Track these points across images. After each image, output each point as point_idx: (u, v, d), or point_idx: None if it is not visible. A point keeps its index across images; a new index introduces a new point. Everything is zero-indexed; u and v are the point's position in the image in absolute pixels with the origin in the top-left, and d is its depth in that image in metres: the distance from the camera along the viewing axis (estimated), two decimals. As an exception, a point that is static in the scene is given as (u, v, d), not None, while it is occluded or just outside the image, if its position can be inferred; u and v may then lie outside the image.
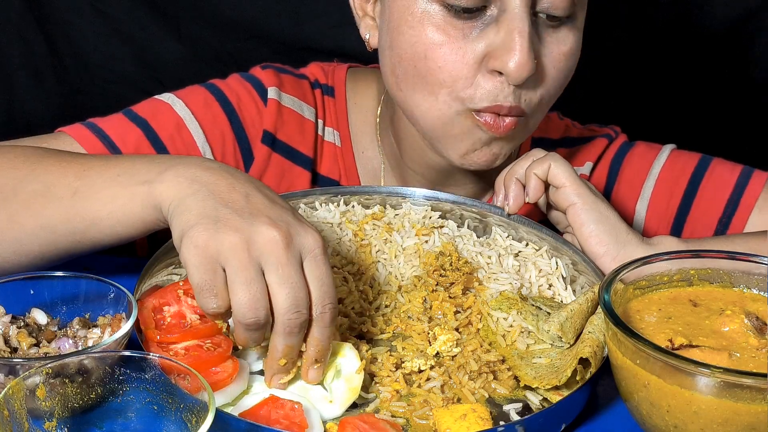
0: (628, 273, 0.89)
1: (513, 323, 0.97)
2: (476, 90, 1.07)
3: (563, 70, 1.10)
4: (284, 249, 0.83)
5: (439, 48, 1.07)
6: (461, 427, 0.83)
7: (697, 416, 0.77)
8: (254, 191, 0.87)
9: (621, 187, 1.29)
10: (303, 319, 0.84)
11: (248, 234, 0.82)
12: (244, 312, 0.82)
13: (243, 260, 0.82)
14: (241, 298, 0.82)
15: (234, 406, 0.85)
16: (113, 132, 1.17)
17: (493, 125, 1.08)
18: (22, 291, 0.91)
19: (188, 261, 0.82)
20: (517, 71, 1.04)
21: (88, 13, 1.81)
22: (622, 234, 1.03)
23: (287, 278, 0.82)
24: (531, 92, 1.09)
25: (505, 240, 1.11)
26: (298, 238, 0.84)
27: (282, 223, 0.84)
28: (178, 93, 1.24)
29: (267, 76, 1.26)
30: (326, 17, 1.77)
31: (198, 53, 1.84)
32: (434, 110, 1.10)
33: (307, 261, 0.84)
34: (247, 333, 0.84)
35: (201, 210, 0.84)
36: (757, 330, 0.84)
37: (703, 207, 1.24)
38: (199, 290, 0.83)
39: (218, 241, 0.82)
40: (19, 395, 0.73)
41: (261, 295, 0.82)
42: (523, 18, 1.04)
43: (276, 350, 0.85)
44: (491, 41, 1.05)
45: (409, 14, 1.08)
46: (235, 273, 0.82)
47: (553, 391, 0.89)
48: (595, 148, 1.31)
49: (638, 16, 1.80)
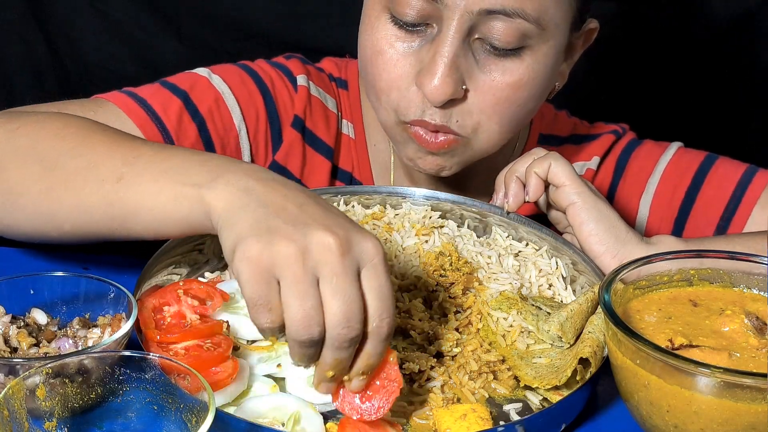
0: (628, 273, 0.89)
1: (513, 323, 0.97)
2: (408, 103, 1.10)
3: (507, 99, 1.10)
4: (340, 257, 0.77)
5: (381, 56, 1.10)
6: (461, 427, 0.83)
7: (697, 416, 0.77)
8: (309, 201, 0.82)
9: (626, 183, 1.30)
10: (354, 335, 0.78)
11: (303, 243, 0.77)
12: (297, 329, 0.78)
13: (297, 272, 0.77)
14: (295, 314, 0.77)
15: (234, 407, 0.85)
16: (155, 102, 1.16)
17: (423, 140, 1.11)
18: (22, 291, 0.90)
19: (240, 274, 0.78)
20: (431, 94, 1.06)
21: (88, 13, 1.81)
22: (622, 233, 1.03)
23: (341, 290, 0.77)
24: (463, 116, 1.10)
25: (505, 240, 1.11)
26: (357, 246, 0.79)
27: (339, 229, 0.79)
28: (212, 68, 1.24)
29: (294, 65, 1.28)
30: (326, 17, 1.77)
31: (198, 53, 1.84)
32: (380, 115, 1.15)
33: (365, 270, 0.79)
34: (301, 350, 0.79)
35: (253, 221, 0.79)
36: (757, 330, 0.84)
37: (706, 203, 1.25)
38: (252, 304, 0.78)
39: (272, 252, 0.77)
40: (19, 395, 0.73)
41: (315, 311, 0.77)
42: (450, 42, 1.05)
43: (324, 362, 0.80)
44: (422, 59, 1.08)
45: (367, 18, 1.12)
46: (289, 286, 0.77)
47: (553, 391, 0.89)
48: (602, 144, 1.32)
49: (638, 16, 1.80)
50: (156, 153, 0.91)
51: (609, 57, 1.74)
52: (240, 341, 0.94)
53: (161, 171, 0.88)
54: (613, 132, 1.33)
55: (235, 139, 1.22)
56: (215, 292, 0.96)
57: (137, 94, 1.17)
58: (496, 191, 1.12)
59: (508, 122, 1.12)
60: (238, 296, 0.98)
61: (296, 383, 0.89)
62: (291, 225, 0.78)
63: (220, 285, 0.98)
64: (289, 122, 1.25)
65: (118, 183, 0.89)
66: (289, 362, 0.90)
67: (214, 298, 0.95)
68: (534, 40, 1.07)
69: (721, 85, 1.82)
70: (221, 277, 1.04)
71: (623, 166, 1.31)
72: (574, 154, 1.32)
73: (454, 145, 1.12)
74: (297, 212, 0.80)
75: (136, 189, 0.88)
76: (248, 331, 0.95)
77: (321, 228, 0.78)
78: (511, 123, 1.13)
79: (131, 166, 0.90)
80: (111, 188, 0.90)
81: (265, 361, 0.91)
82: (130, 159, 0.91)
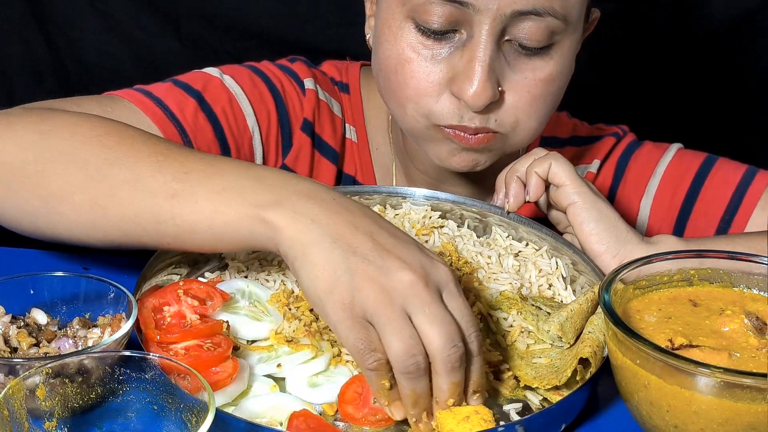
0: (628, 273, 0.89)
1: (513, 323, 0.97)
2: (441, 109, 1.10)
3: (541, 95, 1.11)
4: (424, 289, 0.81)
5: (408, 65, 1.09)
6: (464, 429, 0.83)
7: (697, 416, 0.77)
8: (376, 228, 0.84)
9: (627, 185, 1.30)
10: (461, 352, 0.82)
11: (386, 283, 0.80)
12: (402, 360, 0.80)
13: (388, 312, 0.80)
14: (397, 349, 0.80)
15: (234, 407, 0.85)
16: (171, 101, 1.16)
17: (463, 138, 1.11)
18: (22, 291, 0.90)
19: (339, 325, 0.81)
20: (473, 100, 1.06)
21: (88, 13, 1.81)
22: (622, 232, 1.03)
23: (435, 316, 0.80)
24: (501, 115, 1.10)
25: (505, 240, 1.11)
26: (433, 274, 0.83)
27: (414, 262, 0.82)
28: (222, 68, 1.24)
29: (300, 68, 1.28)
30: (326, 17, 1.77)
31: (198, 53, 1.83)
32: (405, 121, 1.14)
33: (444, 295, 0.83)
34: (411, 383, 0.81)
35: (331, 265, 0.81)
36: (757, 330, 0.84)
37: (706, 204, 1.25)
38: (357, 351, 0.82)
39: (362, 299, 0.80)
40: (19, 395, 0.73)
41: (414, 341, 0.80)
42: (485, 47, 1.05)
43: (442, 392, 0.82)
44: (455, 65, 1.08)
45: (388, 27, 1.11)
46: (384, 326, 0.80)
47: (553, 391, 0.89)
48: (603, 146, 1.33)
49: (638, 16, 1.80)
50: (206, 167, 0.90)
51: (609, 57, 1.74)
52: (240, 341, 0.94)
53: (216, 191, 0.87)
54: (614, 134, 1.33)
55: (249, 141, 1.22)
56: (215, 292, 0.96)
57: (152, 92, 1.16)
58: (497, 191, 1.12)
59: (544, 117, 1.14)
60: (238, 296, 0.98)
61: (296, 383, 0.89)
62: (369, 263, 0.81)
63: (220, 285, 0.99)
64: (299, 125, 1.25)
65: (172, 200, 0.88)
66: (289, 363, 0.90)
67: (214, 298, 0.95)
68: (560, 36, 1.08)
69: (721, 86, 1.82)
70: (221, 277, 1.04)
71: (623, 168, 1.31)
72: (574, 157, 1.32)
73: (493, 141, 1.12)
74: (371, 245, 0.82)
75: (192, 208, 0.87)
76: (248, 331, 0.95)
77: (398, 264, 0.81)
78: (547, 116, 1.14)
79: (183, 182, 0.88)
80: (165, 205, 0.88)
81: (265, 361, 0.91)
82: (181, 175, 0.89)
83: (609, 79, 1.80)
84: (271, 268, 1.03)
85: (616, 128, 1.35)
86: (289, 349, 0.92)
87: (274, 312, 0.96)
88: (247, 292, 0.99)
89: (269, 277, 1.02)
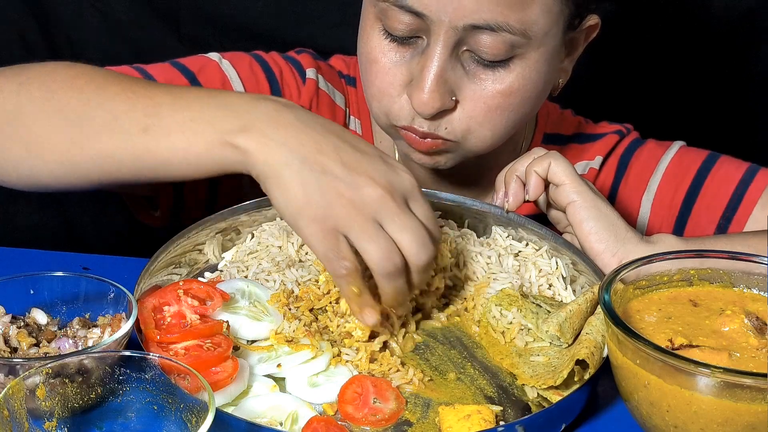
0: (628, 273, 0.89)
1: (513, 320, 0.97)
2: (398, 109, 1.12)
3: (498, 107, 1.11)
4: (392, 200, 0.88)
5: (374, 64, 1.12)
6: (463, 427, 0.83)
7: (697, 416, 0.77)
8: (341, 144, 0.90)
9: (628, 182, 1.30)
10: (432, 254, 0.90)
11: (356, 198, 0.87)
12: (381, 263, 0.88)
13: (361, 222, 0.87)
14: (374, 253, 0.87)
15: (234, 407, 0.85)
16: (161, 77, 1.19)
17: (413, 140, 1.13)
18: (22, 291, 0.90)
19: (310, 237, 0.88)
20: (420, 107, 1.08)
21: (88, 13, 1.81)
22: (622, 232, 1.03)
23: (406, 224, 0.88)
24: (452, 124, 1.11)
25: (505, 240, 1.11)
26: (399, 185, 0.90)
27: (380, 176, 0.89)
28: (223, 54, 1.27)
29: (304, 59, 1.30)
30: (326, 17, 1.77)
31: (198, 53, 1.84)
32: (373, 116, 1.19)
33: (410, 202, 0.90)
34: (391, 283, 0.89)
35: (302, 184, 0.88)
36: (757, 330, 0.84)
37: (707, 202, 1.25)
38: (327, 259, 0.88)
39: (333, 214, 0.87)
40: (19, 395, 0.73)
41: (390, 245, 0.88)
42: (438, 57, 1.06)
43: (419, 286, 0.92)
44: (412, 70, 1.10)
45: (362, 27, 1.14)
46: (359, 235, 0.87)
47: (552, 390, 0.89)
48: (606, 143, 1.33)
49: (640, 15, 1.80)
50: (174, 99, 0.95)
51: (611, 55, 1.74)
52: (240, 341, 0.94)
53: (185, 121, 0.93)
54: (617, 132, 1.33)
55: None
56: (215, 292, 0.96)
57: (146, 69, 1.20)
58: (496, 190, 1.12)
59: (501, 127, 1.14)
60: (238, 296, 0.98)
61: (296, 383, 0.89)
62: (340, 182, 0.87)
63: (220, 285, 0.99)
64: None
65: (144, 135, 0.94)
66: (289, 363, 0.90)
67: (214, 298, 0.95)
68: (523, 49, 1.08)
69: (722, 85, 1.82)
70: (221, 277, 1.04)
71: (625, 165, 1.31)
72: (578, 154, 1.32)
73: (443, 147, 1.14)
74: (338, 163, 0.88)
75: (165, 140, 0.93)
76: (248, 331, 0.95)
77: (365, 179, 0.88)
78: (506, 127, 1.14)
79: (153, 117, 0.94)
80: (139, 140, 0.94)
81: (265, 361, 0.91)
82: (151, 109, 0.95)
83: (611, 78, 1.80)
84: (272, 268, 1.03)
85: (619, 126, 1.35)
86: (289, 349, 0.92)
87: (274, 312, 0.96)
88: (247, 292, 0.99)
89: (269, 277, 1.02)
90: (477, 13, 1.03)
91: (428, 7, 1.04)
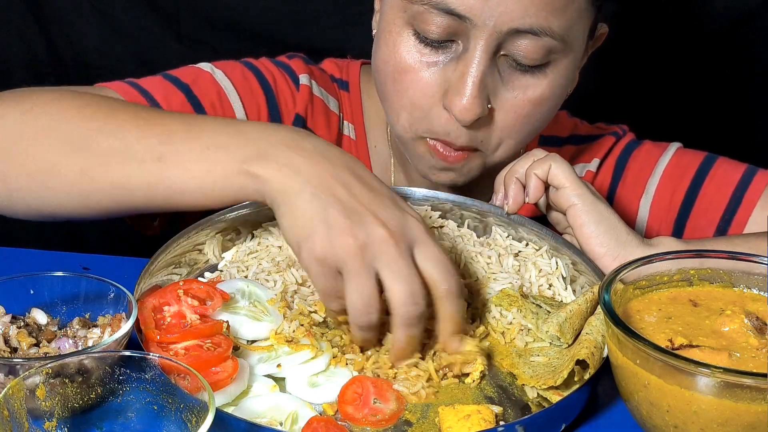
0: (628, 273, 0.89)
1: (513, 320, 0.97)
2: (431, 121, 1.10)
3: (527, 116, 1.11)
4: (395, 246, 0.86)
5: (405, 74, 1.09)
6: (463, 427, 0.83)
7: (697, 416, 0.77)
8: (354, 180, 0.89)
9: (626, 184, 1.30)
10: (421, 311, 0.87)
11: (360, 237, 0.85)
12: (357, 315, 0.87)
13: (357, 266, 0.85)
14: (355, 303, 0.86)
15: (234, 407, 0.85)
16: (158, 94, 1.17)
17: (444, 154, 1.12)
18: (22, 291, 0.90)
19: (311, 270, 0.88)
20: (461, 114, 1.06)
21: (88, 13, 1.81)
22: (622, 235, 1.03)
23: (401, 273, 0.86)
24: (486, 133, 1.11)
25: (505, 240, 1.11)
26: (406, 230, 0.88)
27: (388, 218, 0.87)
28: (215, 63, 1.25)
29: (297, 64, 1.29)
30: (326, 17, 1.77)
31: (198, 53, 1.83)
32: (397, 127, 1.15)
33: (417, 248, 0.88)
34: (361, 333, 0.89)
35: (311, 214, 0.87)
36: (757, 330, 0.84)
37: (706, 204, 1.25)
38: (324, 295, 0.90)
39: (335, 252, 0.86)
40: (19, 395, 0.73)
41: (372, 299, 0.86)
42: (479, 62, 1.05)
43: (399, 342, 0.89)
44: (448, 78, 1.08)
45: (388, 32, 1.11)
46: (349, 280, 0.86)
47: (552, 390, 0.89)
48: (602, 145, 1.33)
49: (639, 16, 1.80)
50: (187, 128, 0.94)
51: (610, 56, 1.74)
52: (240, 341, 0.94)
53: (200, 150, 0.92)
54: (613, 134, 1.33)
55: None
56: (215, 292, 0.96)
57: (140, 85, 1.18)
58: (496, 192, 1.12)
59: (525, 137, 1.14)
60: (238, 296, 0.98)
61: (296, 383, 0.89)
62: (346, 217, 0.86)
63: (220, 285, 0.99)
64: (291, 121, 1.25)
65: (159, 163, 0.92)
66: (289, 363, 0.91)
67: (214, 298, 0.95)
68: (557, 55, 1.08)
69: (721, 86, 1.82)
70: (221, 277, 1.04)
71: (622, 167, 1.31)
72: (574, 156, 1.32)
73: (472, 157, 1.13)
74: (347, 197, 0.87)
75: (180, 169, 0.92)
76: (248, 331, 0.95)
77: (372, 219, 0.86)
78: (529, 136, 1.15)
79: (168, 144, 0.93)
80: (153, 169, 0.93)
81: (265, 361, 0.91)
82: (165, 137, 0.93)
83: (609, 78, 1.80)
84: (272, 268, 1.03)
85: (615, 127, 1.35)
86: (289, 349, 0.92)
87: (274, 312, 0.96)
88: (247, 292, 0.99)
89: (269, 277, 1.02)
90: (523, 17, 1.02)
91: (472, 11, 1.02)
